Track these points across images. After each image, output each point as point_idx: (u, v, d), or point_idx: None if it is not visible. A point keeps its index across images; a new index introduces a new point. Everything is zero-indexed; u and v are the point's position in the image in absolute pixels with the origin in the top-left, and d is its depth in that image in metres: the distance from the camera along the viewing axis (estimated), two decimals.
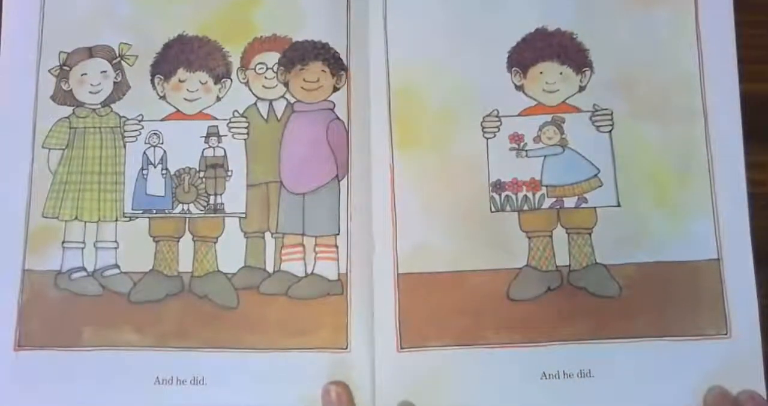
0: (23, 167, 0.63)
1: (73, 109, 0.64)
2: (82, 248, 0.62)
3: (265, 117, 0.64)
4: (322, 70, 0.64)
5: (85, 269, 0.62)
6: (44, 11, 0.65)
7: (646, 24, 0.63)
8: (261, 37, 0.65)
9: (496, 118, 0.63)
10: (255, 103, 0.64)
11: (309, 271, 0.62)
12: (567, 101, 0.63)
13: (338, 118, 0.64)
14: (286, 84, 0.64)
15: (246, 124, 0.64)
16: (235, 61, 0.65)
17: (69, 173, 0.63)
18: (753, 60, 0.63)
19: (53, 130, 0.64)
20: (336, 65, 0.64)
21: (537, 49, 0.64)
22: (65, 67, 0.65)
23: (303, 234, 0.62)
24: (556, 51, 0.64)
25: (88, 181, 0.63)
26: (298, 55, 0.64)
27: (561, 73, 0.63)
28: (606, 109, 0.63)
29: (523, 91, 0.63)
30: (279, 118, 0.64)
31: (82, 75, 0.65)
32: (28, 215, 0.62)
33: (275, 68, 0.64)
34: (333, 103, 0.64)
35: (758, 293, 0.59)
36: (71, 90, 0.65)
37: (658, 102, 0.62)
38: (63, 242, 0.62)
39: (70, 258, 0.62)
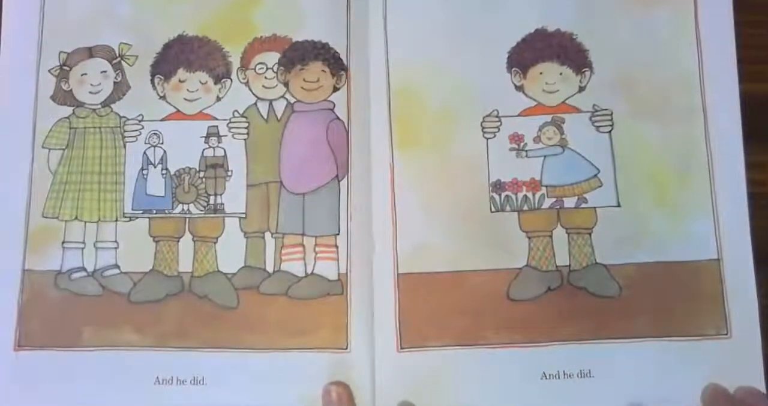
0: (23, 167, 0.63)
1: (73, 109, 0.64)
2: (82, 248, 0.62)
3: (265, 117, 0.64)
4: (322, 70, 0.64)
5: (85, 269, 0.62)
6: (44, 11, 0.65)
7: (646, 24, 0.63)
8: (261, 37, 0.65)
9: (496, 119, 0.63)
10: (255, 103, 0.64)
11: (309, 271, 0.62)
12: (567, 101, 0.63)
13: (338, 118, 0.64)
14: (286, 84, 0.64)
15: (246, 124, 0.64)
16: (235, 61, 0.65)
17: (69, 173, 0.63)
18: (753, 60, 0.63)
19: (53, 130, 0.64)
20: (336, 65, 0.64)
21: (537, 49, 0.64)
22: (65, 67, 0.65)
23: (303, 234, 0.62)
24: (555, 51, 0.64)
25: (88, 181, 0.63)
26: (298, 55, 0.64)
27: (561, 74, 0.64)
28: (606, 109, 0.63)
29: (523, 92, 0.63)
30: (279, 118, 0.64)
31: (82, 75, 0.65)
32: (28, 215, 0.62)
33: (275, 68, 0.64)
34: (333, 103, 0.64)
35: (758, 293, 0.59)
36: (71, 90, 0.65)
37: (657, 102, 0.62)
38: (63, 242, 0.62)
39: (70, 258, 0.62)
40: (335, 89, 0.64)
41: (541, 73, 0.64)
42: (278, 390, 0.59)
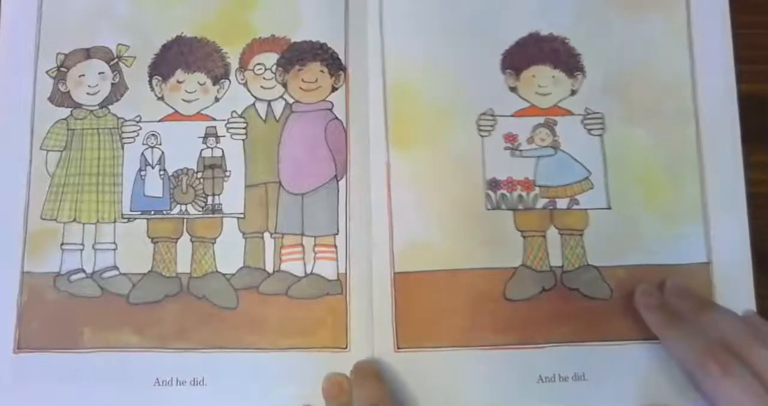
0: (21, 169, 0.63)
1: (71, 111, 0.64)
2: (81, 250, 0.62)
3: (264, 117, 0.64)
4: (321, 71, 0.64)
5: (84, 271, 0.62)
6: (42, 12, 0.64)
7: (638, 29, 0.64)
8: (259, 37, 0.65)
9: (491, 117, 0.63)
10: (253, 104, 0.64)
11: (308, 271, 0.62)
12: (559, 104, 0.64)
13: (337, 118, 0.64)
14: (284, 84, 0.64)
15: (244, 125, 0.64)
16: (234, 62, 0.64)
17: (67, 175, 0.63)
18: (751, 60, 0.63)
19: (51, 131, 0.63)
20: (334, 65, 0.64)
21: (530, 53, 0.64)
22: (63, 69, 0.64)
23: (302, 234, 0.62)
24: (548, 55, 0.64)
25: (87, 182, 0.63)
26: (296, 55, 0.64)
27: (553, 77, 0.64)
28: (598, 112, 0.63)
29: (517, 93, 0.64)
30: (277, 118, 0.64)
31: (79, 76, 0.64)
32: (27, 217, 0.62)
33: (274, 69, 0.64)
34: (331, 103, 0.64)
35: (756, 294, 0.59)
36: (69, 91, 0.64)
37: (649, 105, 0.63)
38: (62, 244, 0.62)
39: (68, 260, 0.62)
40: (333, 89, 0.64)
41: (533, 76, 0.64)
42: (278, 390, 0.60)
